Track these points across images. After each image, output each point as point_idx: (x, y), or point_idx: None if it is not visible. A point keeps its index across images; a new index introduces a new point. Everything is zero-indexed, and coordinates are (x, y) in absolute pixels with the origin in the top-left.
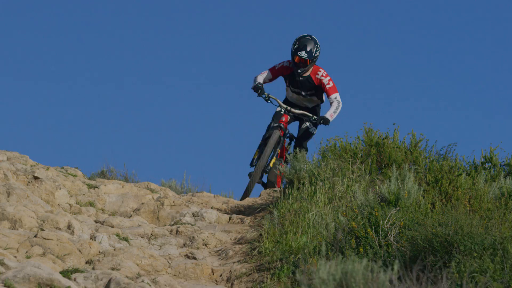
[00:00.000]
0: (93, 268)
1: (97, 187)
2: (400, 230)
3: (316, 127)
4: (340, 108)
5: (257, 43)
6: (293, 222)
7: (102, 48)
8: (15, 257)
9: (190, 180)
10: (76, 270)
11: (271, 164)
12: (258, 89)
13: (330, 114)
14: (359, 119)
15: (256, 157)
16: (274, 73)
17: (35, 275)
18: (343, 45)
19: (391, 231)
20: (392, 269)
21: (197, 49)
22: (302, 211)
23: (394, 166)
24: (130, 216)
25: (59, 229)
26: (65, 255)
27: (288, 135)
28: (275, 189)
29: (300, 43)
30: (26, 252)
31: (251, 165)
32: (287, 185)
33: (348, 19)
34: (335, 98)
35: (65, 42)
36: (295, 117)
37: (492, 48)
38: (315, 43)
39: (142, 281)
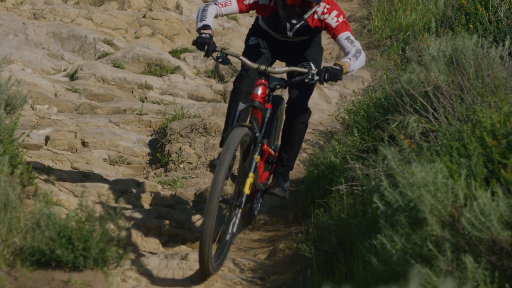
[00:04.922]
0: None
1: None
2: (510, 6)
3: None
4: (362, 56)
5: None
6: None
7: None
8: (124, 37)
9: None
10: (185, 50)
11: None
12: (203, 45)
13: (349, 59)
14: None
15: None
16: (243, 8)
17: (145, 55)
18: None
19: (501, 7)
20: (503, 45)
21: None
22: None
23: None
24: None
25: (168, 9)
26: (174, 35)
27: (267, 118)
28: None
29: None
30: (135, 33)
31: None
32: None
33: None
34: (347, 38)
35: None
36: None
37: None
38: None
39: None
